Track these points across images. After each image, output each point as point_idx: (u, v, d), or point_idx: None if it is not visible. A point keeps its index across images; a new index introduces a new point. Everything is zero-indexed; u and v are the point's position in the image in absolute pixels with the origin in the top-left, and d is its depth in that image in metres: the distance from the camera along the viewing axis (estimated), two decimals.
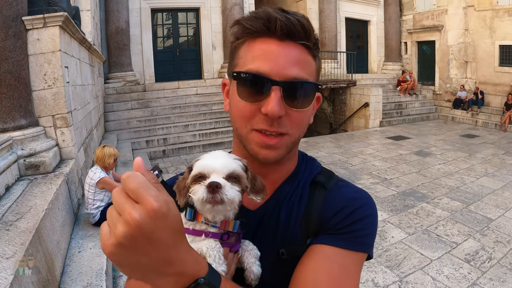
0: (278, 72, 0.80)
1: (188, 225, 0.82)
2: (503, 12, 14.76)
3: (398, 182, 7.58)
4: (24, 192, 3.58)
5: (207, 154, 0.82)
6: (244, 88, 0.83)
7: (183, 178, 0.83)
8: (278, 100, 0.79)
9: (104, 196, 4.45)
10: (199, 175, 0.77)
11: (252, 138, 0.85)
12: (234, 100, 0.87)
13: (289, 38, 0.82)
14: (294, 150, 0.96)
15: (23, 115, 4.29)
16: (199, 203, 0.76)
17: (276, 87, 0.80)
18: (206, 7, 14.36)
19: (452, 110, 16.49)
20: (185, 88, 13.39)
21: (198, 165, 0.79)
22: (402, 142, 11.79)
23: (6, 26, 4.06)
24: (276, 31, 0.81)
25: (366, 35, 19.30)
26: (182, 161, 9.77)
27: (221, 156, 0.80)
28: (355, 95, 14.80)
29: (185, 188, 0.80)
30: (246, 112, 0.84)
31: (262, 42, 0.83)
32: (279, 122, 0.82)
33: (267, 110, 0.79)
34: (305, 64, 0.85)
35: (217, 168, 0.77)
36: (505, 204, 6.28)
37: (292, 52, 0.82)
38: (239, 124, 0.87)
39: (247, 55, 0.85)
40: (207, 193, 0.73)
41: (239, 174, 0.79)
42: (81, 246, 3.89)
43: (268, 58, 0.81)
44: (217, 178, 0.75)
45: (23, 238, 2.61)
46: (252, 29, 0.83)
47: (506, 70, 15.03)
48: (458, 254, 4.66)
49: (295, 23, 0.81)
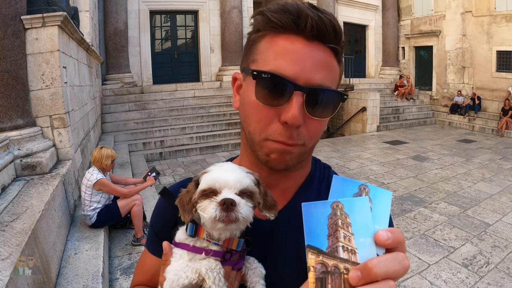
0: (303, 76, 0.73)
1: (189, 241, 0.77)
2: (500, 18, 14.86)
3: (396, 186, 7.57)
4: (20, 192, 3.55)
5: (216, 167, 0.76)
6: (263, 90, 0.74)
7: (187, 191, 0.76)
8: (300, 107, 0.72)
9: (101, 197, 4.42)
10: (209, 190, 0.71)
11: (267, 145, 0.77)
12: (248, 100, 0.79)
13: (318, 40, 0.75)
14: (307, 158, 0.91)
15: (20, 115, 4.25)
16: (210, 222, 0.69)
17: (299, 93, 0.72)
18: (205, 9, 14.40)
19: (449, 115, 16.55)
20: (182, 91, 13.41)
21: (208, 179, 0.72)
22: (399, 146, 11.80)
23: (5, 25, 4.03)
24: (306, 30, 0.73)
25: (364, 40, 19.39)
26: (179, 164, 9.74)
27: (232, 169, 0.74)
28: (353, 100, 14.81)
29: (190, 203, 0.73)
30: (263, 117, 0.76)
31: (287, 39, 0.75)
32: (298, 133, 0.75)
33: (287, 118, 0.72)
34: (331, 70, 0.78)
35: (230, 183, 0.70)
36: (502, 209, 6.28)
37: (320, 55, 0.75)
38: (253, 129, 0.79)
39: (268, 51, 0.76)
40: (220, 211, 0.67)
41: (252, 190, 0.73)
42: (77, 248, 3.85)
43: (293, 59, 0.73)
44: (230, 195, 0.69)
45: (19, 239, 2.58)
46: (278, 23, 0.74)
47: (503, 75, 15.14)
48: (456, 258, 4.65)
49: (327, 24, 0.73)
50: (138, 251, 4.28)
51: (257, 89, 0.75)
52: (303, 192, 0.91)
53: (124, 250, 4.37)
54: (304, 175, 0.94)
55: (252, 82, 0.76)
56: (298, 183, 0.93)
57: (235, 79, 0.89)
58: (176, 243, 0.80)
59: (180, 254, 0.77)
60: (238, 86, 0.88)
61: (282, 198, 0.89)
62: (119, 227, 4.85)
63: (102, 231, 4.29)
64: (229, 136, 11.94)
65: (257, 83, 0.75)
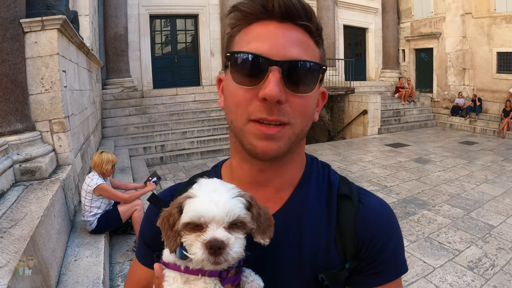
0: (277, 52, 0.72)
1: (180, 262, 0.70)
2: (500, 19, 14.84)
3: (398, 189, 7.52)
4: (19, 198, 3.50)
5: (200, 190, 0.68)
6: (238, 71, 0.73)
7: (169, 214, 0.69)
8: (276, 82, 0.70)
9: (101, 203, 4.37)
10: (194, 225, 0.64)
11: (249, 129, 0.74)
12: (228, 88, 0.78)
13: (289, 20, 0.74)
14: (298, 149, 0.85)
15: (19, 119, 4.21)
16: (198, 263, 0.64)
17: (275, 68, 0.70)
18: (205, 14, 14.38)
19: (450, 117, 16.51)
20: (183, 95, 13.36)
21: (191, 211, 0.64)
22: (401, 149, 11.76)
23: (4, 28, 4.00)
24: (274, 10, 0.73)
25: (364, 43, 19.38)
26: (180, 168, 9.70)
27: (219, 198, 0.65)
28: (354, 103, 14.79)
29: (173, 231, 0.67)
30: (241, 99, 0.73)
31: (259, 25, 0.75)
32: (279, 109, 0.71)
33: (265, 93, 0.69)
34: (307, 48, 0.76)
35: (217, 217, 0.63)
36: (506, 210, 6.23)
37: (293, 33, 0.74)
38: (234, 115, 0.76)
39: (242, 40, 0.77)
40: (207, 254, 0.61)
41: (243, 220, 0.66)
42: (77, 255, 3.80)
43: (265, 39, 0.73)
44: (218, 232, 0.62)
45: (17, 246, 2.53)
46: (248, 11, 0.76)
47: (504, 77, 15.10)
48: (461, 261, 4.59)
49: (295, 2, 0.74)
50: None
51: (232, 72, 0.75)
52: (299, 193, 0.85)
53: (125, 256, 4.32)
54: (298, 173, 0.88)
55: (230, 77, 0.76)
56: (293, 182, 0.87)
57: (220, 81, 0.87)
58: (166, 263, 0.73)
59: (173, 277, 0.71)
60: (223, 86, 0.85)
61: (277, 199, 0.85)
62: (119, 233, 4.80)
63: (102, 237, 4.24)
64: (229, 140, 11.85)
65: (231, 65, 0.75)
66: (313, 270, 0.77)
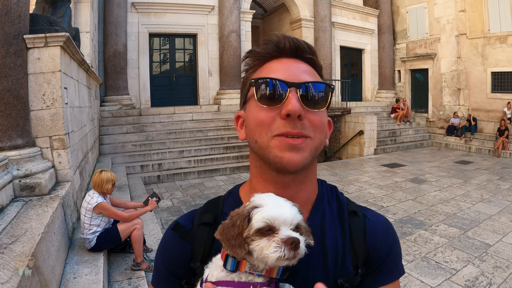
0: (293, 78, 0.84)
1: (231, 277, 0.75)
2: (494, 39, 15.18)
3: (395, 209, 7.55)
4: (19, 214, 3.51)
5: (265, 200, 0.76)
6: (262, 94, 0.84)
7: (232, 225, 0.74)
8: (296, 99, 0.81)
9: (101, 221, 4.36)
10: (267, 228, 0.71)
11: (274, 143, 0.82)
12: (251, 114, 0.87)
13: (297, 55, 0.89)
14: (313, 168, 0.94)
15: (20, 135, 4.23)
16: (275, 260, 0.69)
17: (293, 88, 0.82)
18: (203, 33, 14.58)
19: (446, 137, 16.69)
20: (180, 114, 13.41)
21: (266, 216, 0.71)
22: (397, 169, 11.82)
23: (7, 43, 4.05)
24: (285, 49, 0.88)
25: (360, 63, 19.67)
26: (177, 187, 9.68)
27: (286, 205, 0.75)
28: (350, 123, 14.93)
29: (239, 238, 0.72)
30: (265, 118, 0.83)
31: (273, 62, 0.89)
32: (301, 123, 0.82)
33: (288, 109, 0.79)
34: (315, 76, 0.90)
35: (288, 220, 0.71)
36: (502, 229, 6.26)
37: (302, 65, 0.89)
38: (258, 134, 0.84)
39: (259, 75, 0.88)
40: (288, 250, 0.68)
41: (301, 224, 0.74)
42: (76, 272, 3.79)
43: (280, 69, 0.86)
44: (291, 232, 0.70)
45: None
46: (263, 52, 0.90)
47: (498, 96, 15.36)
48: (458, 280, 4.60)
49: (302, 42, 0.89)
50: (138, 276, 4.20)
51: (257, 94, 0.85)
52: (318, 210, 0.94)
53: (124, 275, 4.30)
54: (314, 192, 0.97)
55: (252, 104, 0.87)
56: (311, 200, 0.95)
57: (238, 117, 0.98)
58: (216, 282, 0.77)
59: None
60: (241, 122, 0.96)
61: None
62: (118, 251, 4.78)
63: (101, 255, 4.22)
64: (227, 160, 11.91)
65: (256, 89, 0.85)
66: (333, 277, 0.86)
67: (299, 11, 16.70)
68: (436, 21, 17.35)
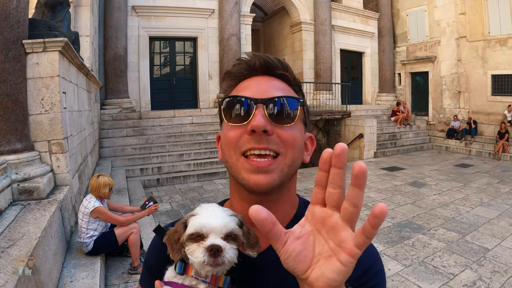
0: (261, 95, 0.83)
1: (177, 279, 0.80)
2: (494, 42, 15.19)
3: (394, 213, 7.54)
4: (17, 217, 3.53)
5: (203, 210, 0.80)
6: (229, 113, 0.85)
7: (175, 231, 0.80)
8: (262, 115, 0.80)
9: (98, 225, 4.38)
10: (197, 235, 0.75)
11: (242, 164, 0.82)
12: (223, 133, 0.88)
13: (269, 72, 0.90)
14: (290, 186, 0.91)
15: (19, 139, 4.26)
16: (199, 265, 0.74)
17: (260, 105, 0.81)
18: (204, 36, 14.61)
19: (446, 140, 16.68)
20: (180, 117, 13.43)
21: (195, 224, 0.76)
22: (396, 173, 11.82)
23: (6, 48, 4.09)
24: (256, 67, 0.89)
25: (360, 66, 19.68)
26: (176, 191, 9.69)
27: (218, 214, 0.78)
28: (350, 126, 14.94)
29: (179, 243, 0.78)
30: (232, 136, 0.83)
31: (246, 81, 0.90)
32: (267, 139, 0.80)
33: (252, 125, 0.79)
34: (287, 92, 0.89)
35: (216, 228, 0.75)
36: (501, 233, 6.26)
37: (273, 82, 0.88)
38: (228, 153, 0.85)
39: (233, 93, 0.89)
40: (208, 256, 0.72)
41: (236, 233, 0.77)
42: (73, 276, 3.80)
43: (250, 87, 0.87)
44: (216, 240, 0.74)
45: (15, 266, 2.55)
46: (236, 72, 0.91)
47: (499, 99, 15.36)
48: (456, 285, 4.60)
49: (273, 59, 0.89)
50: (134, 280, 4.21)
51: (224, 113, 0.86)
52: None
53: (121, 279, 4.31)
54: (291, 212, 0.95)
55: (224, 123, 0.88)
56: (286, 221, 0.92)
57: (219, 138, 0.96)
58: (166, 282, 0.83)
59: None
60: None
61: None
62: (115, 255, 4.79)
63: (98, 258, 4.23)
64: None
65: (224, 109, 0.86)
66: None
67: (299, 14, 16.72)
68: (436, 24, 17.38)
